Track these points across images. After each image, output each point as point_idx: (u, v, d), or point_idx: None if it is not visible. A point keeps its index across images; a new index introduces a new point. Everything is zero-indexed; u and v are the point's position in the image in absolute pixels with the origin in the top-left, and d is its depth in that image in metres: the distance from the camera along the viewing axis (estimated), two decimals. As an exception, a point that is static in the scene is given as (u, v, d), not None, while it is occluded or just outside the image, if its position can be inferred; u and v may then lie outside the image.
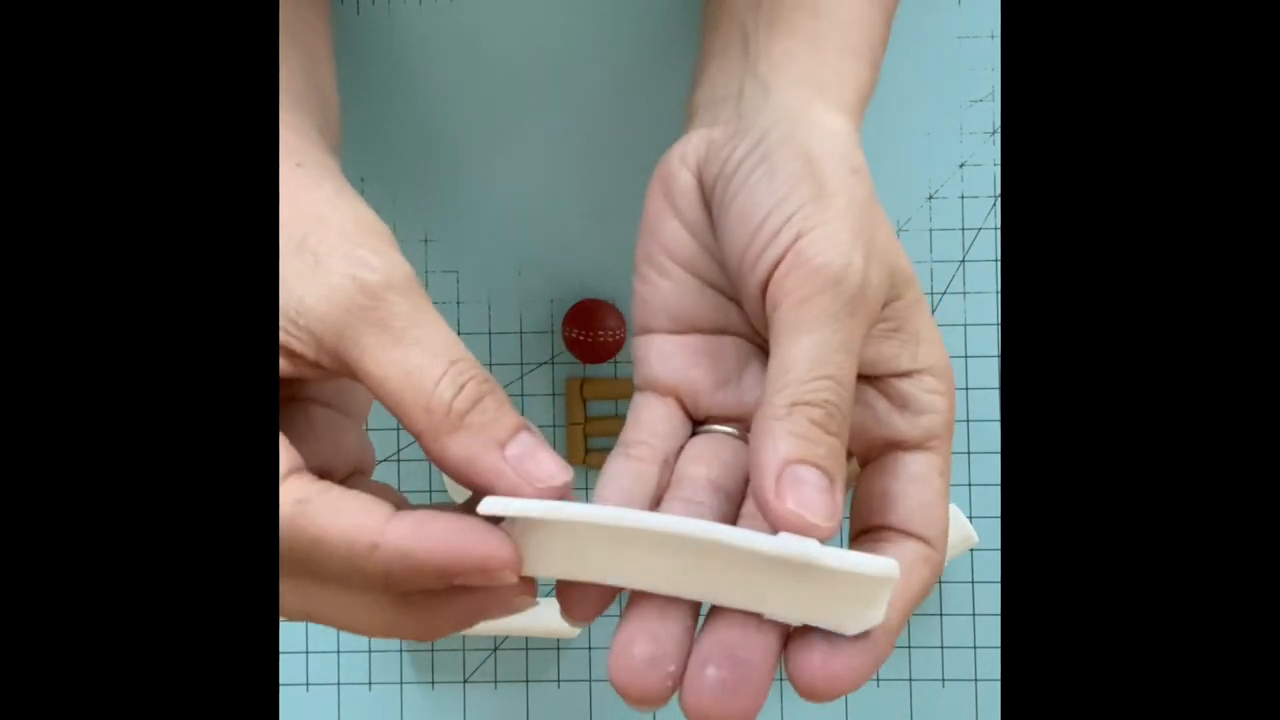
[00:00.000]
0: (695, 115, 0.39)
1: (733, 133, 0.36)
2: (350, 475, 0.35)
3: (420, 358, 0.31)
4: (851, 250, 0.33)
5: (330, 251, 0.32)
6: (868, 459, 0.35)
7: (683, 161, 0.37)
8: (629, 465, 0.35)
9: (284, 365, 0.32)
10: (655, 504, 0.34)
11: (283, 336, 0.32)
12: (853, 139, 0.35)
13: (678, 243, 0.37)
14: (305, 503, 0.30)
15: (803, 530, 0.30)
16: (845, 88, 0.37)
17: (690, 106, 0.40)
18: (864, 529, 0.34)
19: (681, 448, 0.36)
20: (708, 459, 0.35)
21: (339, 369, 0.32)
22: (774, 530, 0.31)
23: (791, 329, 0.32)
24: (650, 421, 0.36)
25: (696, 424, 0.36)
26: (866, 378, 0.35)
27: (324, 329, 0.31)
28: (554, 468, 0.32)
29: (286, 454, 0.31)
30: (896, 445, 0.35)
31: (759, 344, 0.37)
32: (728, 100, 0.38)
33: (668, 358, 0.36)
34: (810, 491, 0.31)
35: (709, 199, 0.36)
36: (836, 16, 0.38)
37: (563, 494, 0.32)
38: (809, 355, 0.32)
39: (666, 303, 0.37)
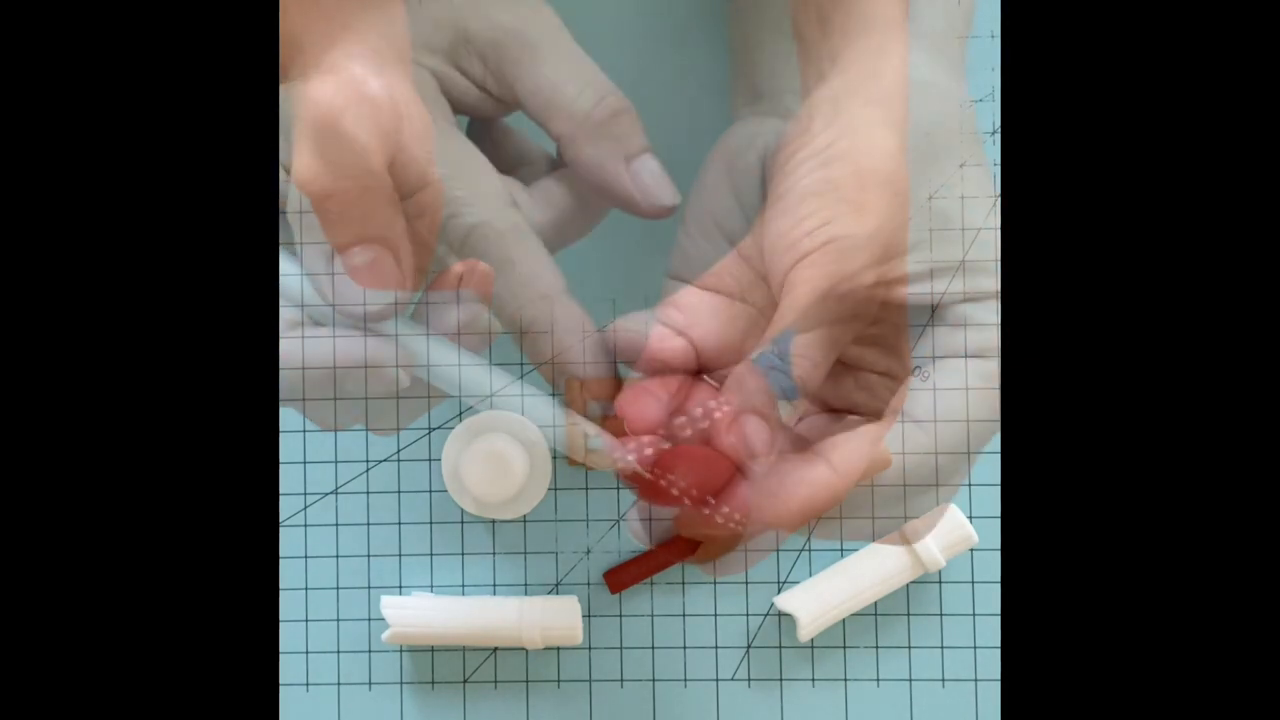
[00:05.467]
0: (759, 96, 0.45)
1: (801, 131, 0.40)
2: None
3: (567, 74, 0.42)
4: (866, 269, 0.39)
5: None
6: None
7: (751, 144, 0.43)
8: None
9: (460, 85, 0.43)
10: None
11: (454, 63, 0.42)
12: (902, 161, 0.40)
13: (728, 215, 0.42)
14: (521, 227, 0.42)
15: (742, 454, 0.38)
16: (901, 102, 0.41)
17: (746, 75, 0.46)
18: (800, 449, 0.40)
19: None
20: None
21: (497, 88, 0.43)
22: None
23: (798, 316, 0.38)
24: None
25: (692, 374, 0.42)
26: (849, 367, 0.42)
27: (487, 48, 0.42)
28: (668, 192, 0.43)
29: None
30: (853, 411, 0.42)
31: (770, 317, 0.41)
32: (793, 93, 0.43)
33: (692, 309, 0.42)
34: (753, 431, 0.38)
35: (767, 183, 0.41)
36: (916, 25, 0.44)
37: (663, 213, 0.43)
38: (800, 341, 0.38)
39: (704, 262, 0.42)
